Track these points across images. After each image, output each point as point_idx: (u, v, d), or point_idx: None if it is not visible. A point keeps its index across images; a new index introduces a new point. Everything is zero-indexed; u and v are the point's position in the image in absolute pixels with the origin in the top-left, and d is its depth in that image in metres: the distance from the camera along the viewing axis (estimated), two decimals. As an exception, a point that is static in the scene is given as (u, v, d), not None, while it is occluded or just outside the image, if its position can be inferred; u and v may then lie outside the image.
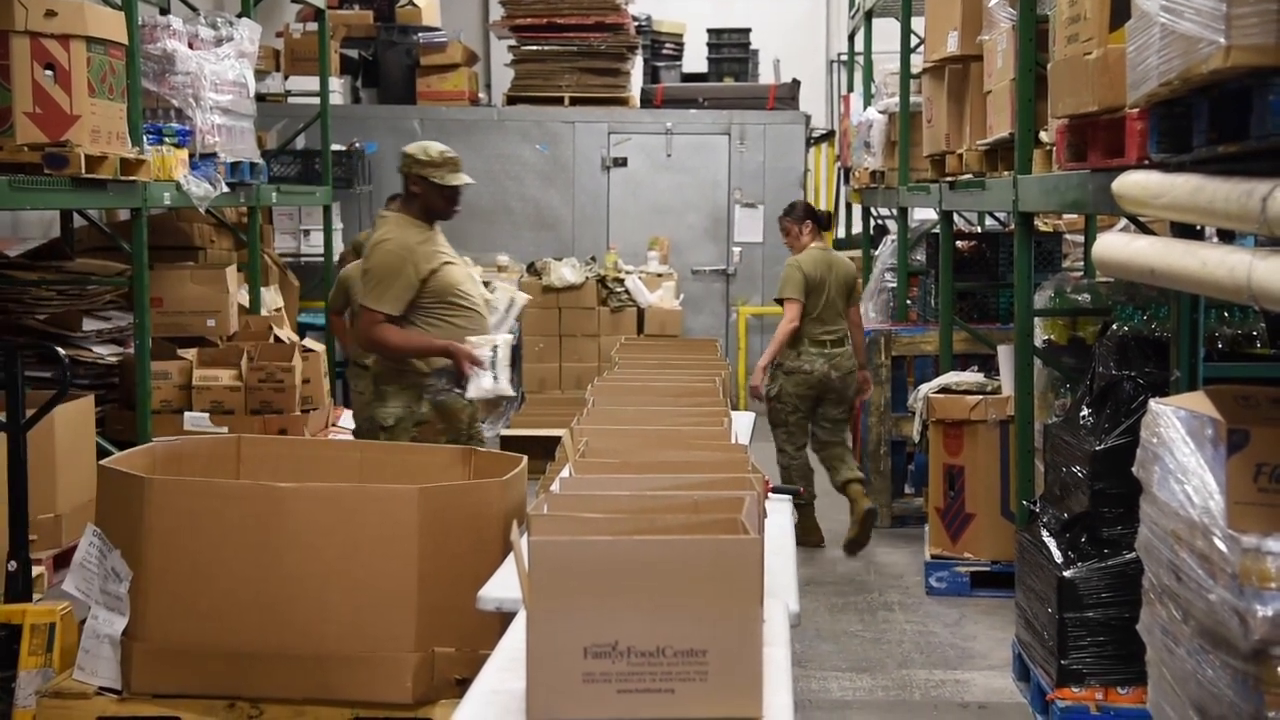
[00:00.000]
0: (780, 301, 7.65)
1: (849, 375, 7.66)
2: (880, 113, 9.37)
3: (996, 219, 9.46)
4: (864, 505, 7.43)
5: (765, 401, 7.69)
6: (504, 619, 3.31)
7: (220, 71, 7.66)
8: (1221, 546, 2.80)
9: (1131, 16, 3.48)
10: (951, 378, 7.13)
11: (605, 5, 12.47)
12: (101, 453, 6.30)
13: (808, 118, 13.14)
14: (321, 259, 10.64)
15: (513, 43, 12.88)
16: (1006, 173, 5.83)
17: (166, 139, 7.01)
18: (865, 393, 7.90)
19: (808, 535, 7.54)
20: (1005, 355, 6.58)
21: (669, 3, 14.40)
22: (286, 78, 12.35)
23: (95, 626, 4.13)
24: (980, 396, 6.75)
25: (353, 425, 7.08)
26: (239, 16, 8.47)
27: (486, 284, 5.81)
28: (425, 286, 5.51)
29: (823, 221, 8.02)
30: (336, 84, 12.01)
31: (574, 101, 12.66)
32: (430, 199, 5.61)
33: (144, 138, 6.72)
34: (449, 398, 5.56)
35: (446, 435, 5.58)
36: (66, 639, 4.33)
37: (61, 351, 5.23)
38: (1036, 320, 6.07)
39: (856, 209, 11.86)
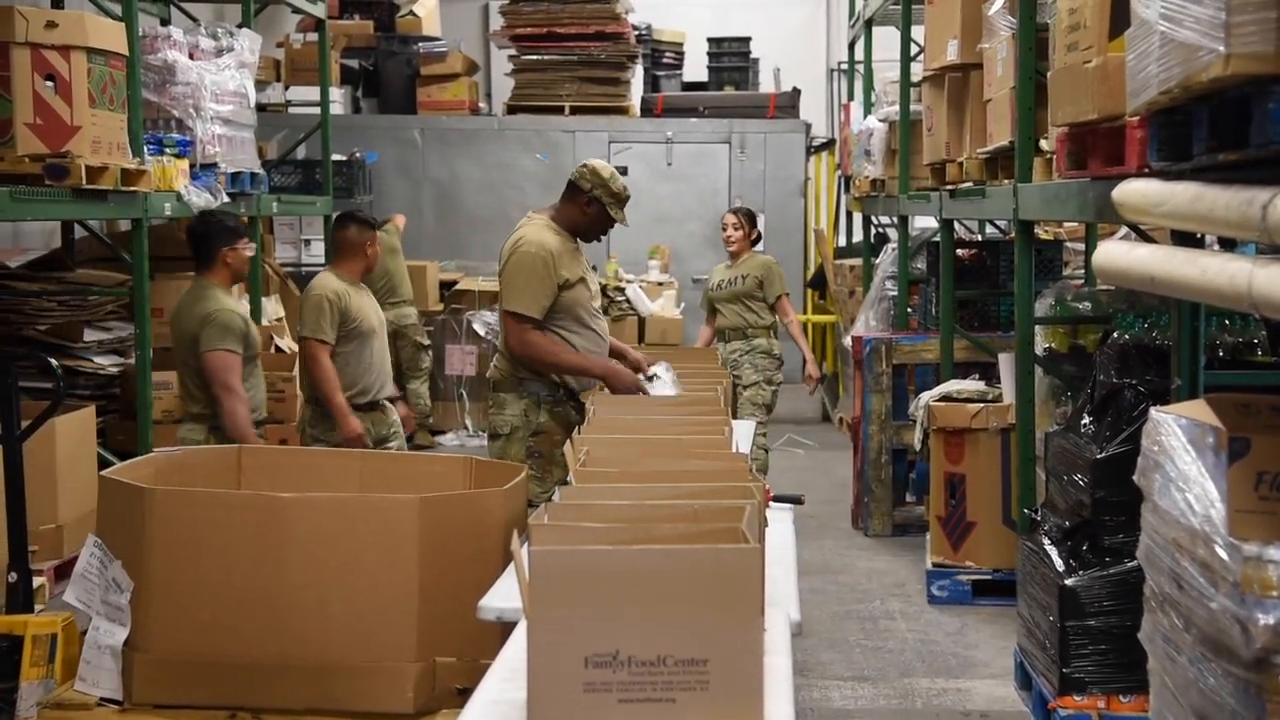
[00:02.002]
0: (778, 299, 8.17)
1: None
2: (880, 121, 9.39)
3: (997, 227, 9.45)
4: None
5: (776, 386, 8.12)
6: (505, 628, 3.31)
7: (221, 82, 7.67)
8: (1223, 555, 2.79)
9: (1131, 25, 3.48)
10: (952, 386, 7.13)
11: (605, 14, 12.48)
12: (103, 463, 6.31)
13: (808, 126, 13.15)
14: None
15: (513, 52, 12.90)
16: (1007, 181, 5.83)
17: (167, 149, 7.01)
18: None
19: None
20: (1006, 363, 6.58)
21: (669, 12, 14.43)
22: (287, 88, 12.38)
23: (96, 637, 4.12)
24: (981, 404, 6.75)
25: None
26: (239, 27, 8.48)
27: (649, 376, 5.53)
28: (559, 296, 5.34)
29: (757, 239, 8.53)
30: (337, 94, 12.04)
31: (574, 110, 12.68)
32: (589, 220, 5.47)
33: (145, 148, 6.72)
34: (565, 410, 5.42)
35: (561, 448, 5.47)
36: (68, 650, 4.33)
37: (55, 362, 5.20)
38: (1037, 328, 6.07)
39: (857, 217, 11.87)
